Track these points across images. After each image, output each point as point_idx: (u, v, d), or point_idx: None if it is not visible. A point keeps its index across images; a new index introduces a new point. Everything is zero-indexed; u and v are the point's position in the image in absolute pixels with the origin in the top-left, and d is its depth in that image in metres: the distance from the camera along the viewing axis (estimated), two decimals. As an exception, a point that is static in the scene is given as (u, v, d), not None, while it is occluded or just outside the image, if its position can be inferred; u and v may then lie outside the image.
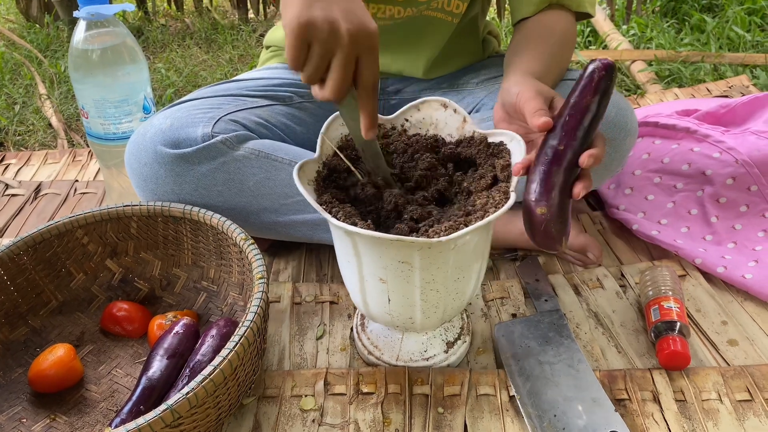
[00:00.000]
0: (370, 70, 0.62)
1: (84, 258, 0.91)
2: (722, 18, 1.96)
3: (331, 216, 0.66)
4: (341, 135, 0.78)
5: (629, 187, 1.10)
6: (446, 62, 1.07)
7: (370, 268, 0.70)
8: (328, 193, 0.71)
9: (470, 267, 0.72)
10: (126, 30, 1.00)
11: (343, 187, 0.75)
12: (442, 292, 0.71)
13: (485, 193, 0.70)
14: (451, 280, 0.71)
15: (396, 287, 0.70)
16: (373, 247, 0.67)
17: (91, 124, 1.03)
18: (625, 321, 0.91)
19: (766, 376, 0.80)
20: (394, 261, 0.67)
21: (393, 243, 0.63)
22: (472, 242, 0.69)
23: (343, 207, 0.68)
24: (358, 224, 0.65)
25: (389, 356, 0.83)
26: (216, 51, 2.06)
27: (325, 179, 0.74)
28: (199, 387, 0.64)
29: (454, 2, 0.99)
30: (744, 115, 1.15)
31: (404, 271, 0.68)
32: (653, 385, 0.80)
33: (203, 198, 0.90)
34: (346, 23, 0.59)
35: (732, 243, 1.00)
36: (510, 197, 0.67)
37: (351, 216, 0.67)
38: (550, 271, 1.00)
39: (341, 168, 0.75)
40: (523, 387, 0.79)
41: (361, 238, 0.66)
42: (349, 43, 0.59)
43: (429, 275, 0.68)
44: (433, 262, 0.67)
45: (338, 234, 0.71)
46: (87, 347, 0.88)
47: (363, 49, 0.61)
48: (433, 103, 0.79)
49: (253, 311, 0.72)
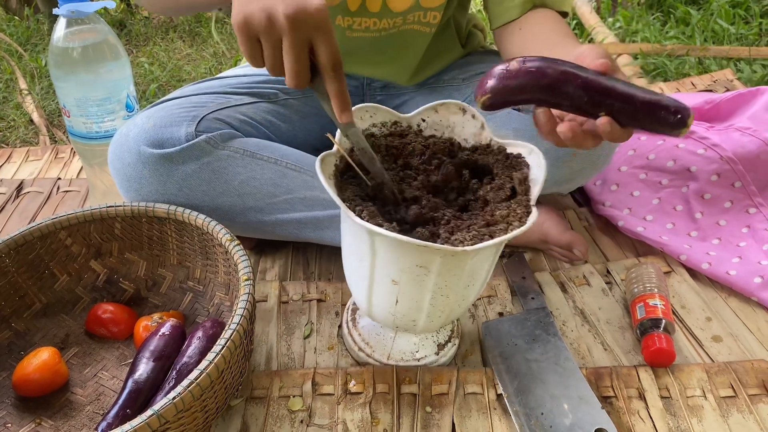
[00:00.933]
0: (325, 49, 0.60)
1: (68, 259, 0.90)
2: (707, 11, 1.96)
3: (354, 214, 0.64)
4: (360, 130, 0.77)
5: (615, 184, 1.10)
6: (429, 65, 1.06)
7: (385, 269, 0.69)
8: (350, 190, 0.69)
9: (480, 275, 0.72)
10: (107, 27, 0.99)
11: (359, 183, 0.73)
12: (451, 298, 0.71)
13: (505, 204, 0.69)
14: (462, 286, 0.70)
15: (408, 290, 0.70)
16: (392, 250, 0.66)
17: (73, 122, 1.02)
18: (611, 318, 0.91)
19: (749, 372, 0.81)
20: (412, 265, 0.66)
21: (417, 248, 0.62)
22: (490, 252, 0.69)
23: (366, 206, 0.66)
24: (384, 226, 0.64)
25: (380, 354, 0.83)
26: (200, 44, 2.04)
27: (342, 174, 0.72)
28: (185, 391, 0.64)
29: (431, 14, 0.98)
30: (728, 111, 1.16)
31: (420, 276, 0.67)
32: (639, 382, 0.81)
33: (188, 198, 0.89)
34: (284, 7, 0.58)
35: (717, 239, 1.01)
36: (532, 212, 0.66)
37: (375, 216, 0.65)
38: (537, 269, 1.01)
39: (359, 164, 0.73)
40: (511, 385, 0.79)
41: (382, 239, 0.64)
42: (291, 28, 0.58)
43: (443, 281, 0.68)
44: (451, 269, 0.67)
45: (354, 232, 0.69)
46: (72, 350, 0.87)
47: (310, 29, 0.59)
48: (452, 106, 0.78)
49: (239, 313, 0.71)
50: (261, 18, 0.59)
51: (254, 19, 0.59)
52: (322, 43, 0.60)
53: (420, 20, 0.98)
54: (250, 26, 0.60)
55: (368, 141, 0.76)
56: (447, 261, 0.65)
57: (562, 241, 0.99)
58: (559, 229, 1.00)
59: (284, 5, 0.58)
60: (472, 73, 1.06)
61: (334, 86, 0.63)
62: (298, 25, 0.58)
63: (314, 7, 0.59)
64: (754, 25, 1.88)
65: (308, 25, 0.59)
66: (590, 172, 0.94)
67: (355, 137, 0.69)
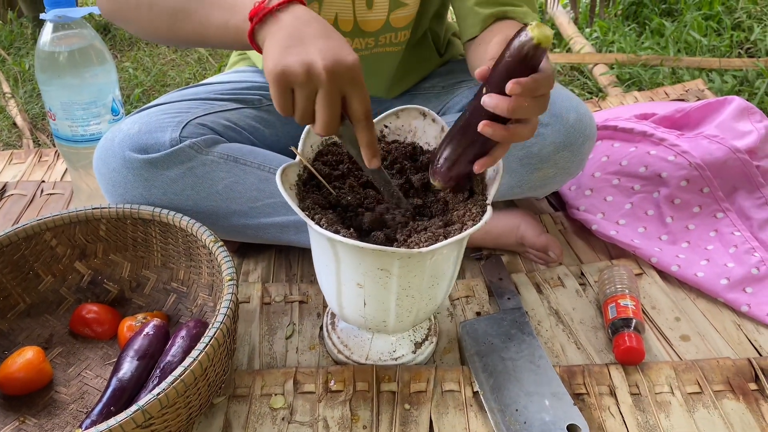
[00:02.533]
0: (358, 101, 0.63)
1: (52, 260, 0.92)
2: (680, 23, 2.02)
3: (314, 223, 0.67)
4: (322, 140, 0.79)
5: (589, 189, 1.13)
6: (405, 78, 1.09)
7: (349, 273, 0.71)
8: (310, 199, 0.72)
9: (444, 274, 0.74)
10: (94, 32, 1.00)
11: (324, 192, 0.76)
12: (417, 298, 0.74)
13: (462, 204, 0.72)
14: (426, 286, 0.73)
15: (373, 292, 0.72)
16: (353, 254, 0.68)
17: (58, 126, 1.03)
18: (584, 318, 0.94)
19: (714, 369, 0.84)
20: (373, 268, 0.69)
21: (374, 252, 0.65)
22: (449, 252, 0.71)
23: (325, 213, 0.69)
24: (341, 232, 0.66)
25: (358, 356, 0.85)
26: (184, 50, 2.05)
27: (305, 183, 0.75)
28: (170, 387, 0.66)
29: (401, 33, 1.01)
30: (698, 119, 1.20)
31: (382, 278, 0.70)
32: (610, 379, 0.84)
33: (172, 202, 0.91)
34: (323, 61, 0.61)
35: (686, 242, 1.05)
36: (487, 211, 0.69)
37: (333, 223, 0.68)
38: (513, 270, 1.04)
39: (322, 172, 0.76)
40: (487, 383, 0.82)
41: (342, 245, 0.67)
42: (328, 81, 0.61)
43: (406, 282, 0.71)
44: (410, 270, 0.69)
45: (318, 240, 0.72)
46: (56, 349, 0.88)
47: (345, 82, 0.62)
48: (412, 111, 0.81)
49: (223, 312, 0.73)
50: (299, 71, 0.61)
51: (293, 72, 0.61)
52: (356, 96, 0.63)
53: (391, 41, 1.01)
54: (288, 77, 0.61)
55: (330, 150, 0.79)
56: (405, 263, 0.68)
57: (538, 244, 1.02)
58: (535, 233, 1.03)
59: (323, 59, 0.61)
60: (452, 81, 1.09)
61: (365, 136, 0.65)
62: (335, 77, 0.61)
63: (350, 61, 0.62)
64: (726, 37, 1.93)
65: (344, 78, 0.62)
66: (563, 177, 0.97)
67: (378, 178, 0.72)
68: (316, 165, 0.77)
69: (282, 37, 0.63)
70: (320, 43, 0.62)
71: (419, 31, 1.04)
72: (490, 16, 0.91)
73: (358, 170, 0.79)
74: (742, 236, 1.02)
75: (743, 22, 2.04)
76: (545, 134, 0.92)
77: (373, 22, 0.97)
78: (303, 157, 0.75)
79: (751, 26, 2.00)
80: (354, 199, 0.75)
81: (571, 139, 0.92)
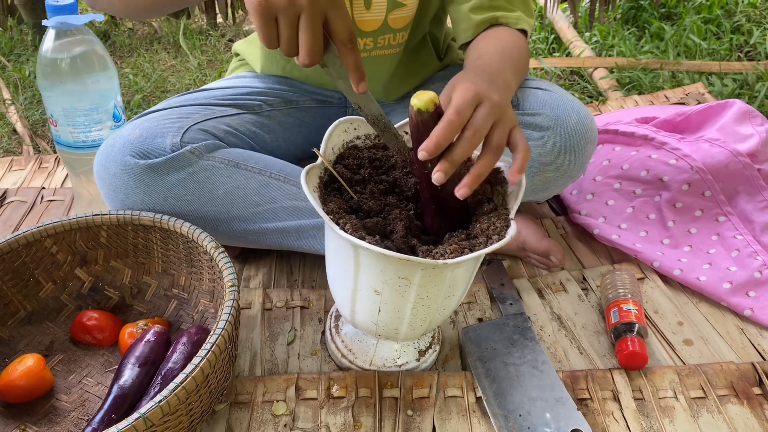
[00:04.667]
0: (339, 23, 0.62)
1: (53, 267, 0.91)
2: (680, 26, 2.02)
3: (338, 227, 0.66)
4: (343, 141, 0.78)
5: (591, 193, 1.13)
6: (406, 81, 1.09)
7: (368, 280, 0.70)
8: (333, 203, 0.70)
9: (460, 286, 0.74)
10: (95, 38, 1.00)
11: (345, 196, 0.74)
12: (432, 308, 0.73)
13: (485, 218, 0.71)
14: (442, 297, 0.73)
15: (390, 300, 0.71)
16: (376, 262, 0.67)
17: (60, 132, 1.03)
18: (586, 323, 0.94)
19: (718, 374, 0.84)
20: (394, 276, 0.68)
21: (399, 260, 0.64)
22: (469, 265, 0.71)
23: (349, 218, 0.68)
24: (366, 239, 0.65)
25: (362, 361, 0.85)
26: (184, 56, 2.05)
27: (326, 186, 0.74)
28: (171, 395, 0.65)
29: (399, 35, 1.01)
30: (698, 122, 1.20)
31: (402, 287, 0.69)
32: (613, 384, 0.83)
33: (173, 207, 0.90)
34: None
35: (688, 246, 1.05)
36: (511, 225, 0.68)
37: (358, 229, 0.67)
38: (515, 275, 1.03)
39: (344, 176, 0.75)
40: (490, 388, 0.82)
41: (365, 252, 0.66)
42: (309, 4, 0.60)
43: (424, 292, 0.70)
44: (431, 280, 0.69)
45: (338, 243, 0.71)
46: (57, 357, 0.88)
47: (326, 5, 0.61)
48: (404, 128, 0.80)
49: (225, 318, 0.73)
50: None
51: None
52: (337, 17, 0.62)
53: (389, 43, 1.01)
54: (270, 6, 0.61)
55: (351, 153, 0.78)
56: (428, 273, 0.67)
57: (540, 249, 1.02)
58: (537, 237, 1.03)
59: None
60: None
61: (350, 58, 0.64)
62: (315, 1, 0.60)
63: None
64: (725, 41, 1.94)
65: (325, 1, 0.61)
66: (565, 181, 0.97)
67: (368, 108, 0.69)
68: (337, 168, 0.75)
69: None
70: None
71: (418, 34, 1.04)
72: (483, 22, 0.91)
73: (379, 175, 0.78)
74: (744, 240, 1.02)
75: (743, 25, 2.04)
76: (546, 138, 0.92)
77: (371, 22, 0.97)
78: (328, 151, 0.74)
79: (750, 30, 2.00)
80: (375, 204, 0.74)
81: (572, 142, 0.92)
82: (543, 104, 0.93)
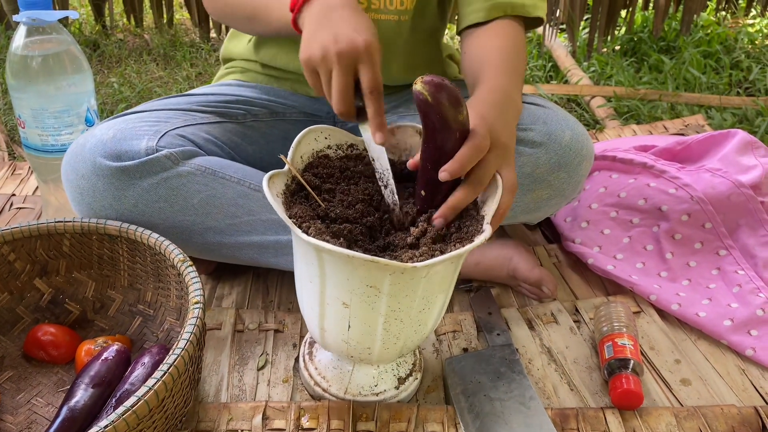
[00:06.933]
0: (366, 75, 0.69)
1: (10, 276, 0.85)
2: (679, 59, 2.00)
3: (300, 231, 0.63)
4: (312, 150, 0.76)
5: (585, 221, 1.08)
6: (411, 71, 1.02)
7: (335, 290, 0.66)
8: (299, 208, 0.68)
9: (436, 298, 0.70)
10: (70, 38, 0.95)
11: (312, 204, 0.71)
12: (406, 323, 0.69)
13: (457, 222, 0.69)
14: (416, 310, 0.68)
15: (359, 313, 0.67)
16: (341, 268, 0.64)
17: (27, 134, 0.97)
18: (578, 357, 0.89)
19: (718, 417, 0.78)
20: (362, 285, 0.64)
21: (365, 264, 0.61)
22: (443, 272, 0.67)
23: (314, 222, 0.66)
24: (330, 242, 0.62)
25: (337, 389, 0.79)
26: (173, 68, 2.01)
27: (293, 194, 0.71)
28: (119, 420, 0.59)
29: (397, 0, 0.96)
30: (699, 152, 1.16)
31: (371, 297, 0.65)
32: (606, 424, 0.77)
33: (143, 215, 0.85)
34: (336, 45, 0.68)
35: (686, 280, 1.00)
36: (485, 230, 0.65)
37: (322, 233, 0.64)
38: (504, 305, 0.98)
39: (312, 183, 0.73)
40: (473, 425, 0.75)
41: (330, 257, 0.63)
42: (338, 62, 0.68)
43: (396, 303, 0.66)
44: (402, 289, 0.65)
45: (303, 251, 0.67)
46: (6, 373, 0.81)
47: (358, 60, 0.68)
48: (408, 129, 0.78)
49: (186, 338, 0.67)
50: (317, 55, 0.70)
51: (312, 57, 0.70)
52: (365, 70, 0.69)
53: (386, 7, 0.96)
54: (311, 64, 0.71)
55: (322, 162, 0.76)
56: (397, 279, 0.63)
57: (531, 278, 0.97)
58: (528, 266, 0.97)
59: (336, 43, 0.68)
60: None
61: (372, 106, 0.69)
62: (346, 57, 0.68)
63: (361, 42, 0.68)
64: (725, 76, 1.92)
65: (354, 56, 0.68)
66: (558, 201, 0.92)
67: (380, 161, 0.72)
68: (305, 176, 0.73)
69: (311, 24, 0.73)
70: (336, 29, 0.70)
71: (425, 20, 0.99)
72: (498, 7, 0.89)
73: (349, 185, 0.75)
74: (746, 275, 0.97)
75: (742, 61, 2.02)
76: (538, 154, 0.87)
77: None
78: (296, 161, 0.72)
79: (750, 66, 1.99)
80: (343, 212, 0.70)
81: (566, 159, 0.88)
82: (536, 119, 0.89)
